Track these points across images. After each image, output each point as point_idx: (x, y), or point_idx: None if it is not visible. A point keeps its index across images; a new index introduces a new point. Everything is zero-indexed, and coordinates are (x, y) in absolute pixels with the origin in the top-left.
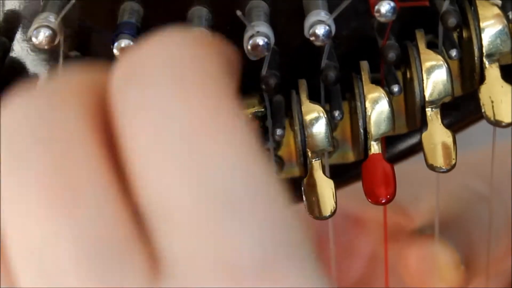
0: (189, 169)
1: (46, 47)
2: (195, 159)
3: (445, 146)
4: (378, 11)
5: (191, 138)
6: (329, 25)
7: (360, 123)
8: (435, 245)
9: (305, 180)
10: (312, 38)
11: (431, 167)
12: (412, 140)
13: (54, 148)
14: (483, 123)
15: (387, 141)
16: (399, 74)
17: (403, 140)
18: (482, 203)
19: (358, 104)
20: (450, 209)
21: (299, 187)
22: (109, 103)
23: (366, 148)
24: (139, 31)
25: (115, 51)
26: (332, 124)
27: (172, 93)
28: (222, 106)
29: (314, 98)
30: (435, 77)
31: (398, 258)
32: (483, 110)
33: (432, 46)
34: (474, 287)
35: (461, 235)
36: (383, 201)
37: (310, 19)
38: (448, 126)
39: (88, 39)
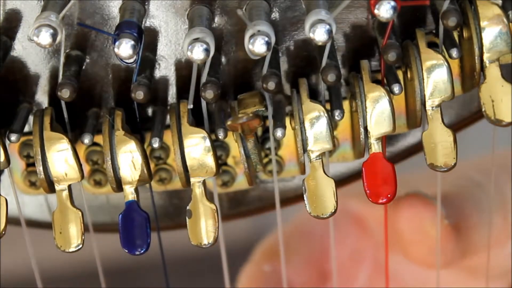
0: None
1: (47, 46)
2: None
3: (445, 146)
4: (379, 10)
5: None
6: (329, 24)
7: (361, 122)
8: (419, 202)
9: (306, 179)
10: (313, 37)
11: (432, 166)
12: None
13: None
14: (482, 131)
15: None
16: (399, 73)
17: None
18: (477, 188)
19: (359, 103)
20: (448, 193)
21: (300, 187)
22: None
23: (367, 147)
24: (140, 30)
25: (116, 50)
26: (332, 123)
27: None
28: None
29: (314, 97)
30: (435, 76)
31: (391, 227)
32: (483, 109)
33: (432, 45)
34: (475, 287)
35: (452, 202)
36: (384, 200)
37: (310, 18)
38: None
39: (88, 38)
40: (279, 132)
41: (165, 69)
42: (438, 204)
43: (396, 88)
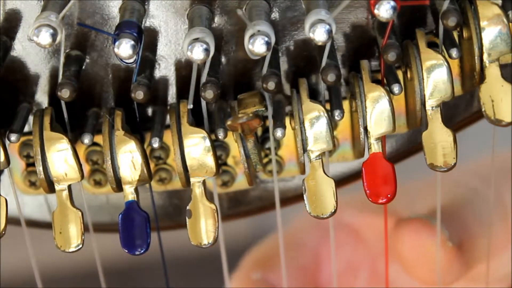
0: None
1: (47, 46)
2: None
3: (445, 146)
4: (379, 10)
5: None
6: (329, 24)
7: (361, 122)
8: (422, 227)
9: (305, 179)
10: (312, 37)
11: (431, 166)
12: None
13: None
14: (485, 131)
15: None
16: (399, 73)
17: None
18: (478, 197)
19: (359, 103)
20: (447, 204)
21: (300, 187)
22: None
23: (367, 147)
24: (140, 30)
25: (116, 50)
26: (332, 123)
27: None
28: None
29: (314, 97)
30: (435, 76)
31: (393, 248)
32: (483, 109)
33: (432, 45)
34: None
35: (454, 220)
36: (384, 200)
37: (310, 18)
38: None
39: (88, 38)
40: (279, 132)
41: (165, 69)
42: (438, 205)
43: (396, 88)
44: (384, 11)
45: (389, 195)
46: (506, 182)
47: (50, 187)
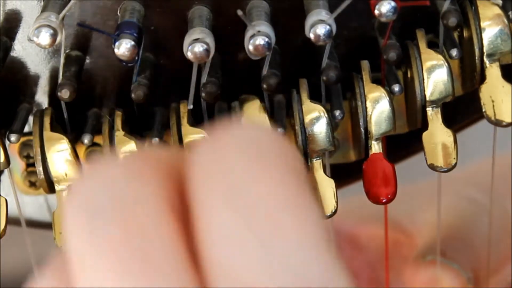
0: (263, 248)
1: (47, 46)
2: (269, 238)
3: (445, 146)
4: (379, 10)
5: (264, 214)
6: (330, 25)
7: (361, 122)
8: (438, 270)
9: None
10: (313, 38)
11: (432, 167)
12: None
13: (128, 217)
14: (481, 135)
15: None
16: (399, 74)
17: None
18: (482, 212)
19: (359, 103)
20: (450, 222)
21: None
22: (185, 175)
23: (367, 147)
24: (140, 30)
25: (116, 50)
26: (333, 124)
27: (250, 167)
28: (298, 190)
29: (315, 97)
30: (435, 76)
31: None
32: (483, 110)
33: (432, 45)
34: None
35: (466, 251)
36: (384, 200)
37: (311, 19)
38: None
39: (89, 38)
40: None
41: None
42: (438, 211)
43: (396, 88)
44: (385, 12)
45: (389, 196)
46: (507, 188)
47: (50, 187)
